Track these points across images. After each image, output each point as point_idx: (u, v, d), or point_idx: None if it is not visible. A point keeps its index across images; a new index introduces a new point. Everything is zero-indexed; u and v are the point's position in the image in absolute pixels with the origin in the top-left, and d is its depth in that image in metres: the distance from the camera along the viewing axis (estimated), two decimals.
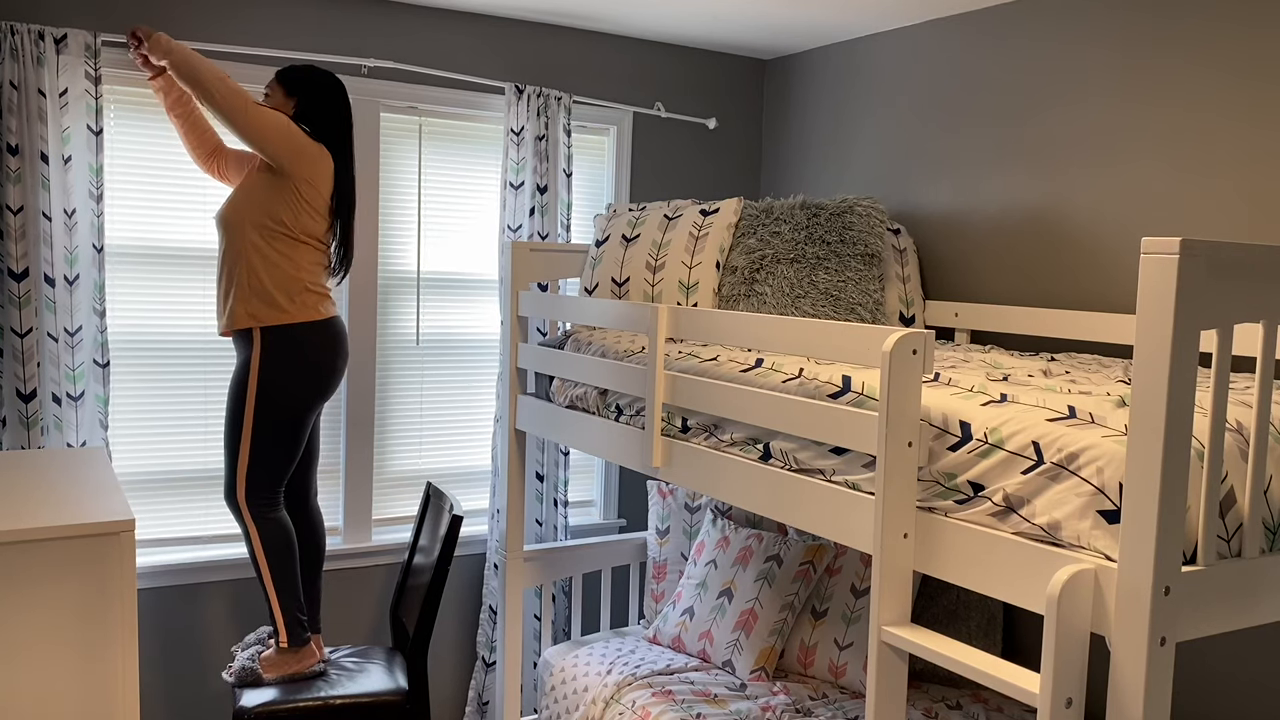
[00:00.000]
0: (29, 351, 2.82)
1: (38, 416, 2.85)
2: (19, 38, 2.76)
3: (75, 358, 2.88)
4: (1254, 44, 2.49)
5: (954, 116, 3.25)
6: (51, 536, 1.99)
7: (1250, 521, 1.52)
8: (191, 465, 3.23)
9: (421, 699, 2.87)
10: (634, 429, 2.52)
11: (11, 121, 2.78)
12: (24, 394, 2.83)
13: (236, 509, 2.81)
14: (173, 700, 3.24)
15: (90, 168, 2.87)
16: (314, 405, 2.86)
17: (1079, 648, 1.46)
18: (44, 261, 2.82)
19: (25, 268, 2.81)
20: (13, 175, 2.78)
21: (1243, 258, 1.41)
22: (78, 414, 2.89)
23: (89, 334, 2.90)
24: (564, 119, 3.52)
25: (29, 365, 2.82)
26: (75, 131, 2.85)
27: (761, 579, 3.11)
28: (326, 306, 2.85)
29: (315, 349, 2.81)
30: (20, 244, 2.80)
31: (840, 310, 2.89)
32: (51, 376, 2.86)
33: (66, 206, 2.84)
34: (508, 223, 3.47)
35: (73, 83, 2.83)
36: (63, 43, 2.81)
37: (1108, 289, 2.81)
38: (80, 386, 2.89)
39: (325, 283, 2.88)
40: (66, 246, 2.85)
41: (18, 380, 2.82)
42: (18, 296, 2.81)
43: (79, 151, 2.85)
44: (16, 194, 2.79)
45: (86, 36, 2.84)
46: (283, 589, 2.84)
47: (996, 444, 1.66)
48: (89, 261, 2.89)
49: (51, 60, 2.80)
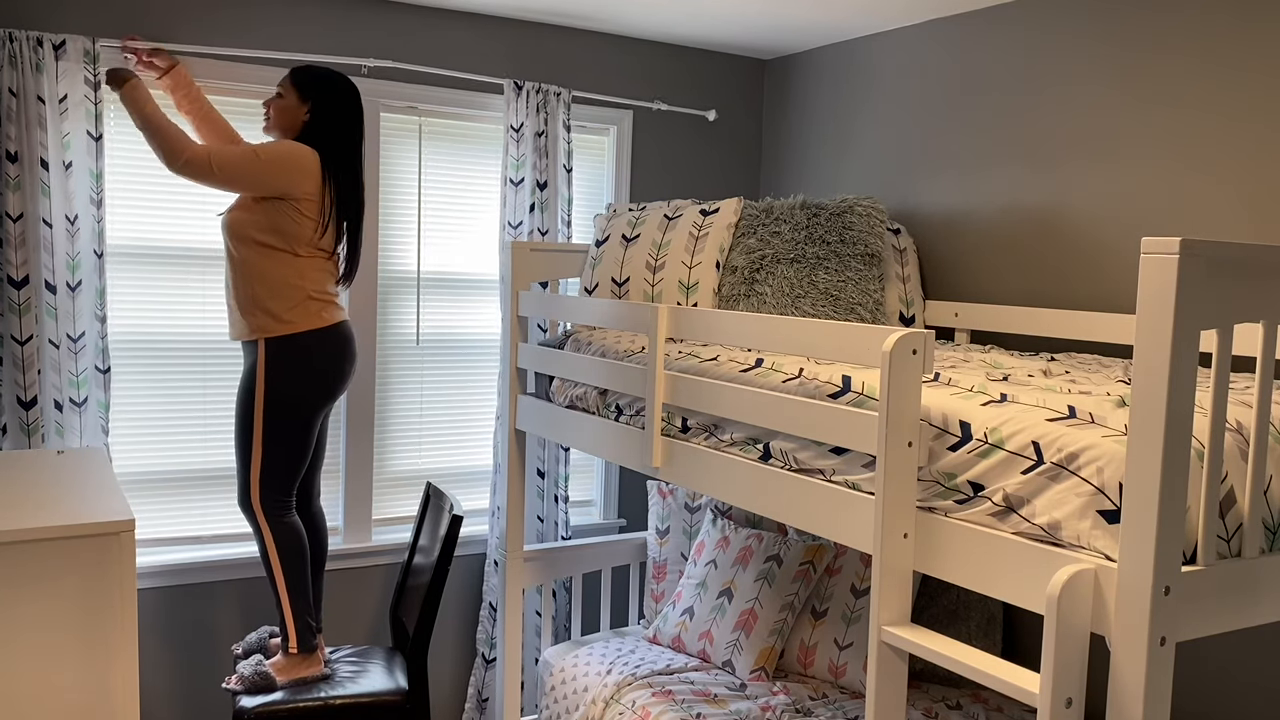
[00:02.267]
0: (29, 359, 2.82)
1: (38, 424, 2.85)
2: (17, 44, 2.75)
3: (79, 364, 2.88)
4: (1253, 42, 2.49)
5: (954, 116, 3.25)
6: (51, 536, 1.99)
7: (1250, 521, 1.52)
8: (192, 464, 3.23)
9: (421, 699, 2.87)
10: (634, 429, 2.52)
11: (11, 129, 2.77)
12: (24, 401, 2.83)
13: (251, 514, 2.81)
14: (173, 700, 3.24)
15: (91, 173, 2.87)
16: (321, 408, 2.86)
17: (1079, 648, 1.46)
18: (44, 268, 2.81)
19: (25, 275, 2.81)
20: (12, 182, 2.78)
21: (1243, 258, 1.41)
22: (80, 420, 2.89)
23: (90, 340, 2.91)
24: (563, 115, 3.51)
25: (29, 372, 2.82)
26: (75, 137, 2.84)
27: (761, 579, 3.11)
28: (331, 312, 2.83)
29: (322, 356, 2.81)
30: (20, 251, 2.80)
31: (840, 310, 2.89)
32: (53, 383, 2.86)
33: (68, 213, 2.84)
34: (508, 219, 3.47)
35: (72, 89, 2.83)
36: (61, 49, 2.81)
37: (1108, 289, 2.81)
38: (83, 393, 2.89)
39: (331, 289, 2.86)
40: (68, 253, 2.85)
41: (18, 387, 2.82)
42: (18, 304, 2.81)
43: (79, 157, 2.85)
44: (16, 201, 2.79)
45: (85, 42, 2.84)
46: (295, 593, 2.83)
47: (996, 444, 1.66)
48: (91, 267, 2.89)
49: (50, 66, 2.80)
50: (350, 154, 2.85)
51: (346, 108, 2.84)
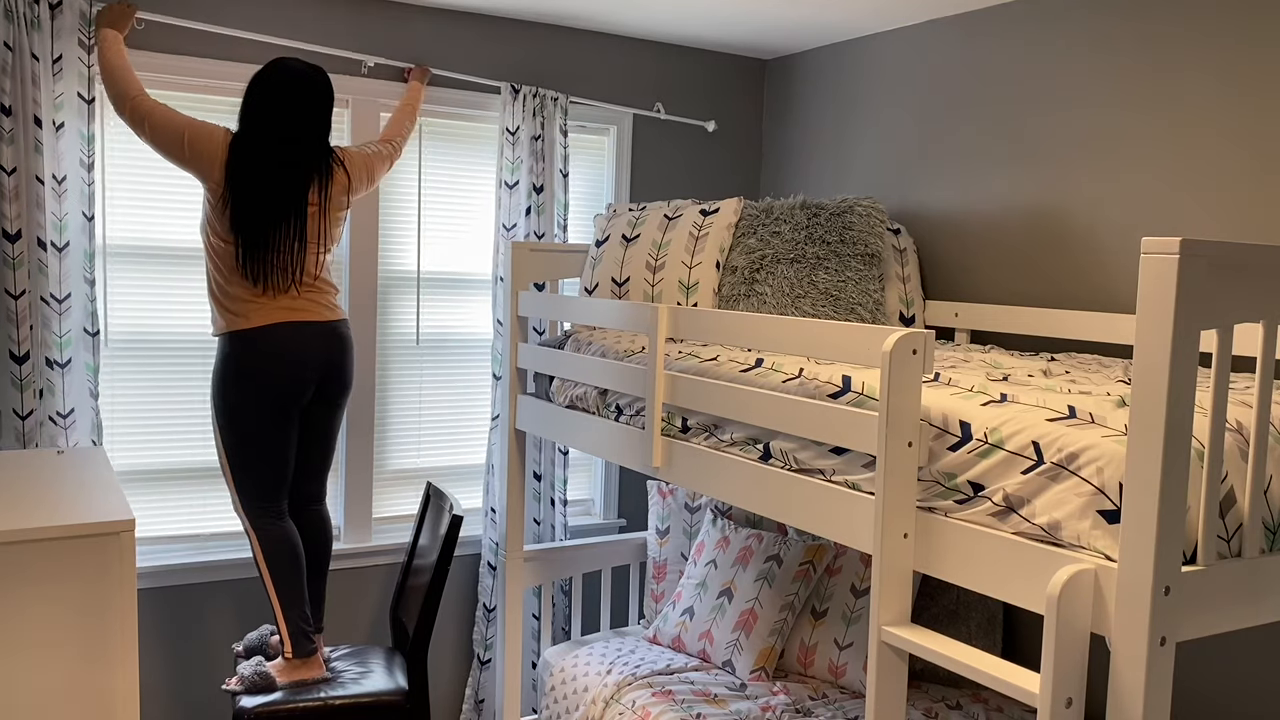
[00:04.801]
0: (22, 314, 2.80)
1: (31, 379, 2.82)
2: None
3: (62, 325, 2.86)
4: (1252, 45, 2.49)
5: (954, 116, 3.25)
6: (51, 536, 1.99)
7: (1250, 521, 1.52)
8: (191, 461, 3.22)
9: (421, 699, 2.87)
10: (634, 429, 2.52)
11: (5, 82, 2.75)
12: (17, 356, 2.81)
13: (240, 520, 2.83)
14: (173, 700, 3.24)
15: (82, 135, 2.85)
16: (270, 414, 2.75)
17: (1079, 648, 1.46)
18: (36, 225, 2.80)
19: (19, 229, 2.79)
20: (6, 136, 2.76)
21: (1243, 258, 1.41)
22: (64, 381, 2.87)
23: (78, 302, 2.88)
24: (560, 119, 3.51)
25: (22, 328, 2.80)
26: (68, 99, 2.83)
27: (761, 579, 3.11)
28: (260, 314, 2.72)
29: (249, 358, 2.72)
30: (14, 205, 2.78)
31: (840, 310, 2.89)
32: (44, 340, 2.83)
33: (56, 173, 2.82)
34: (503, 222, 3.46)
35: (67, 49, 2.81)
36: (58, 9, 2.79)
37: (1108, 289, 2.81)
38: (67, 354, 2.87)
39: (256, 289, 2.72)
40: (55, 213, 2.82)
41: (11, 342, 2.80)
42: (12, 258, 2.79)
43: (71, 119, 2.84)
44: (10, 155, 2.77)
45: (82, 4, 2.82)
46: (286, 600, 2.82)
47: (996, 444, 1.66)
48: (79, 229, 2.87)
49: (46, 25, 2.78)
50: (257, 139, 2.71)
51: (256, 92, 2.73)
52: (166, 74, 3.03)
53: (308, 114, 2.75)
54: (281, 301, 2.76)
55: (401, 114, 3.20)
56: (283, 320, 2.75)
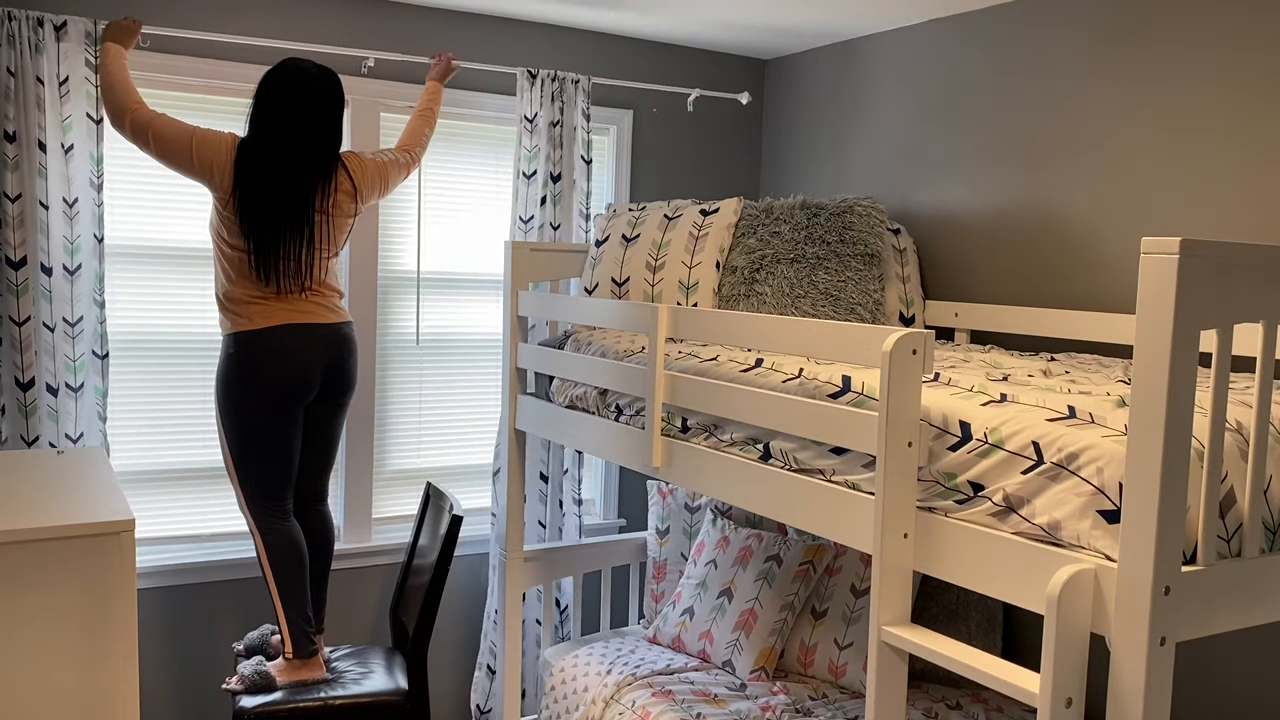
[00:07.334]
0: (27, 340, 2.81)
1: (35, 405, 2.83)
2: (16, 24, 2.73)
3: (75, 349, 2.87)
4: (1253, 43, 2.49)
5: (954, 116, 3.25)
6: (51, 536, 1.99)
7: (1250, 521, 1.52)
8: (192, 461, 3.23)
9: (421, 699, 2.87)
10: (634, 429, 2.52)
11: (9, 109, 2.76)
12: (22, 382, 2.82)
13: (245, 519, 2.83)
14: (173, 700, 3.24)
15: (91, 157, 2.86)
16: (273, 415, 2.75)
17: (1079, 648, 1.46)
18: (40, 250, 2.80)
19: (23, 256, 2.80)
20: (10, 162, 2.77)
21: (1243, 258, 1.41)
22: (76, 405, 2.88)
23: (89, 325, 2.89)
24: (582, 103, 3.44)
25: (27, 354, 2.81)
26: (76, 120, 2.83)
27: (761, 579, 3.11)
28: (264, 316, 2.73)
29: (253, 359, 2.73)
30: (19, 232, 2.79)
31: (840, 310, 2.89)
32: (47, 367, 2.84)
33: (67, 196, 2.82)
34: (519, 214, 3.43)
35: (73, 70, 2.81)
36: (62, 30, 2.79)
37: (1107, 289, 2.81)
38: (80, 378, 2.88)
39: (263, 291, 2.74)
40: (66, 236, 2.83)
41: (16, 369, 2.81)
42: (15, 285, 2.79)
43: (80, 140, 2.84)
44: (14, 181, 2.77)
45: (87, 24, 2.82)
46: (288, 600, 2.82)
47: (996, 444, 1.66)
48: (90, 252, 2.88)
49: (51, 48, 2.78)
50: (266, 143, 2.71)
51: (266, 95, 2.72)
52: (166, 74, 3.04)
53: (318, 119, 2.75)
54: (286, 303, 2.77)
55: (420, 120, 3.13)
56: (287, 322, 2.76)
